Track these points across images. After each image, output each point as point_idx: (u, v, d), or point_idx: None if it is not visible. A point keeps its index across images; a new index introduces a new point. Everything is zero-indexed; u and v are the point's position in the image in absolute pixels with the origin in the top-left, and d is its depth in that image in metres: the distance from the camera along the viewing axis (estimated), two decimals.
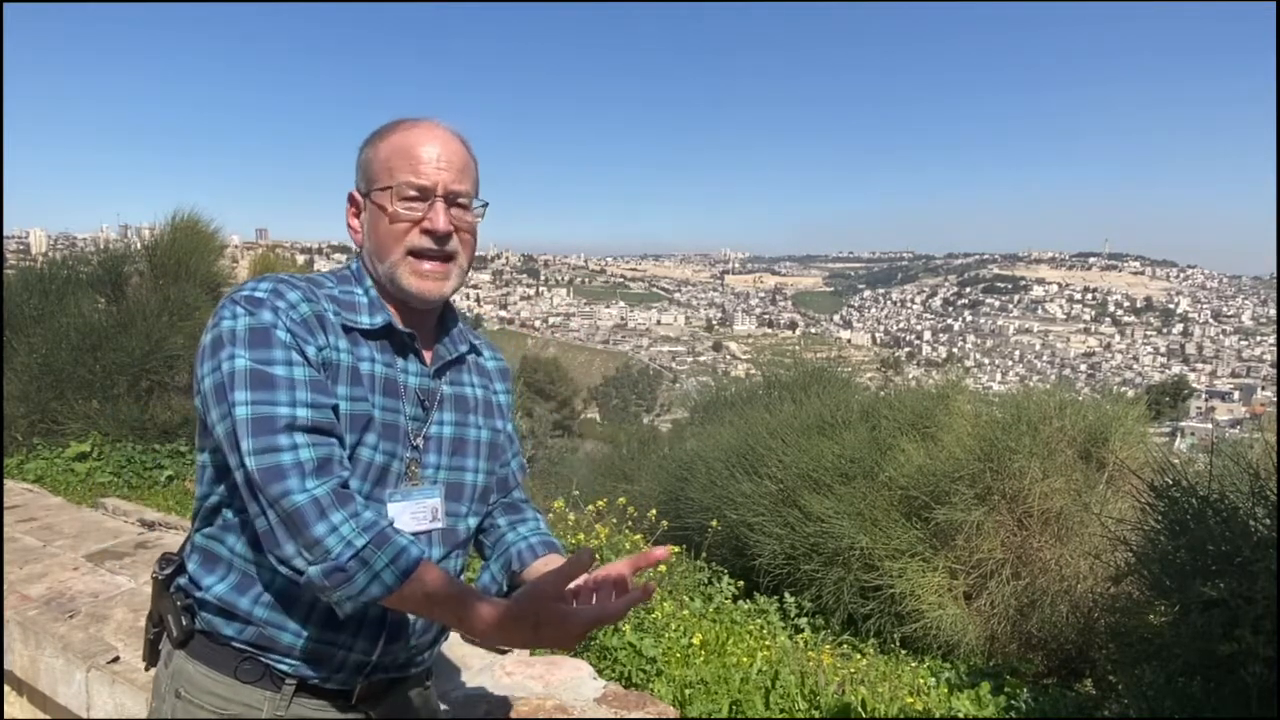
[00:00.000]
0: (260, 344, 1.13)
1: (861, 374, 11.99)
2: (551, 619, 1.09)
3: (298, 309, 1.18)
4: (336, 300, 1.26)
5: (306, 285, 1.24)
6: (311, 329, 1.18)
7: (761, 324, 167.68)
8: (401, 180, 1.23)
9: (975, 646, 4.64)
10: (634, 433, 14.29)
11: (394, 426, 1.25)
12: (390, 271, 1.26)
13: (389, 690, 1.33)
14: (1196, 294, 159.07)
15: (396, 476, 1.25)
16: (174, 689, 1.25)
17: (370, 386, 1.23)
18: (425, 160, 1.24)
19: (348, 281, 1.31)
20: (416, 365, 1.31)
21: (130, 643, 2.57)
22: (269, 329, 1.13)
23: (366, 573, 1.08)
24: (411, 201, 1.24)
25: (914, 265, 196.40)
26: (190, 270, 7.29)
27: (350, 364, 1.21)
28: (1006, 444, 4.89)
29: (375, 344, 1.27)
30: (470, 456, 1.36)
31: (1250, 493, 2.85)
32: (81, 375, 6.24)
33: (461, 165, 1.28)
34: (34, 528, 3.72)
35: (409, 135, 1.27)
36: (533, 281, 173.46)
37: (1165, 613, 3.00)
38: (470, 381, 1.40)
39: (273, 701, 1.22)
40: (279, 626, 1.20)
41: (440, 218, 1.24)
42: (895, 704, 3.34)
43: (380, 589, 1.09)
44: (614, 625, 3.25)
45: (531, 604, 1.11)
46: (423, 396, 1.31)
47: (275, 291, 1.17)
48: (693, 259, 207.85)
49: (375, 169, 1.27)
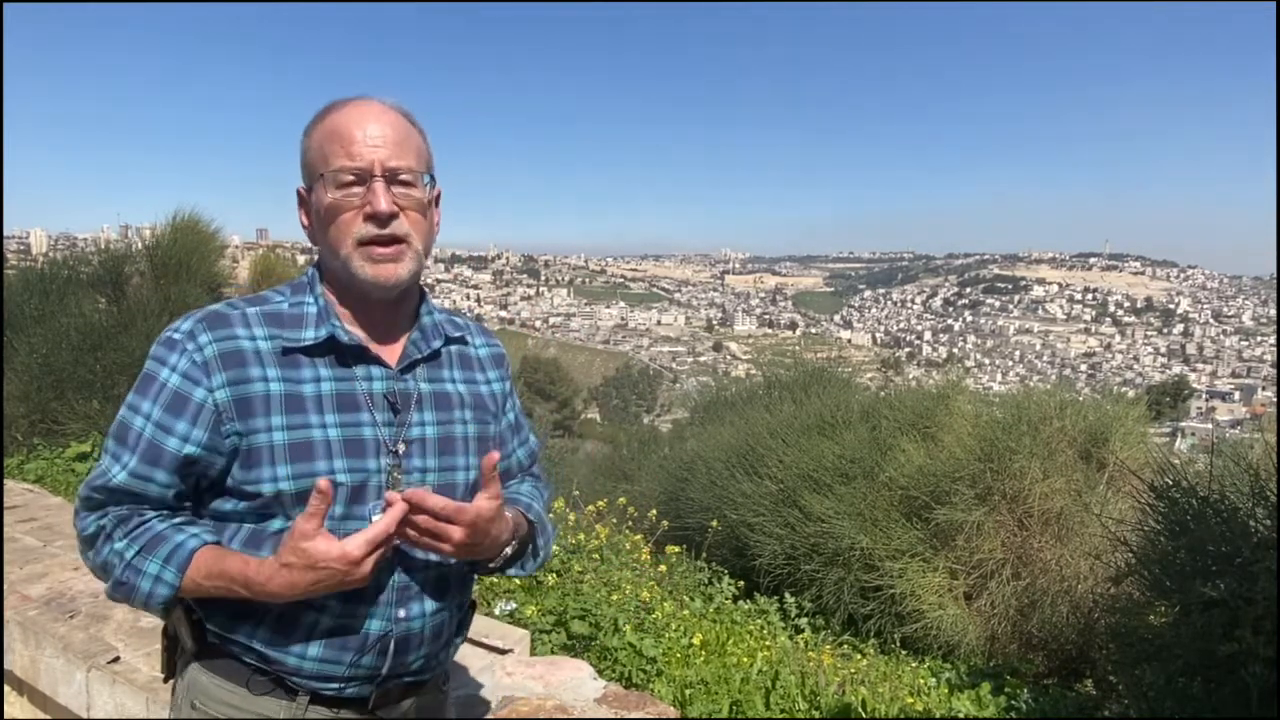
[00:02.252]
0: (140, 391, 1.19)
1: (862, 374, 11.99)
2: (307, 555, 1.08)
3: (203, 351, 1.16)
4: (281, 320, 1.21)
5: (239, 315, 1.20)
6: (210, 371, 1.15)
7: (762, 324, 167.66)
8: (336, 165, 1.17)
9: (975, 647, 4.64)
10: (634, 433, 14.31)
11: (357, 442, 1.19)
12: (344, 266, 1.20)
13: (405, 695, 1.31)
14: (1197, 294, 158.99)
15: (377, 488, 1.19)
16: (189, 700, 1.24)
17: (318, 408, 1.18)
18: (358, 140, 1.17)
19: (301, 291, 1.26)
20: (379, 370, 1.24)
21: (131, 643, 2.57)
22: (152, 378, 1.18)
23: (146, 579, 1.14)
24: (349, 187, 1.17)
25: (914, 265, 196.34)
26: (191, 270, 7.30)
27: (283, 392, 1.17)
28: (1007, 444, 4.89)
29: (323, 359, 1.21)
30: (460, 454, 1.29)
31: (1250, 493, 2.85)
32: (82, 375, 6.25)
33: (399, 139, 1.19)
34: (34, 528, 3.72)
35: (339, 116, 1.19)
36: (533, 282, 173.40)
37: (1165, 613, 3.00)
38: (451, 377, 1.33)
39: (289, 710, 1.21)
40: (282, 650, 1.19)
41: (380, 199, 1.16)
42: (895, 704, 3.34)
43: (166, 589, 1.14)
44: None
45: (287, 548, 1.09)
46: (393, 401, 1.24)
47: (189, 333, 1.17)
48: (693, 259, 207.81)
49: (311, 159, 1.21)
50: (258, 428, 1.15)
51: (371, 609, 1.20)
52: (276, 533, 1.17)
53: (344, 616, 1.19)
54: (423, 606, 1.25)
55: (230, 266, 9.96)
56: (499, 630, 2.81)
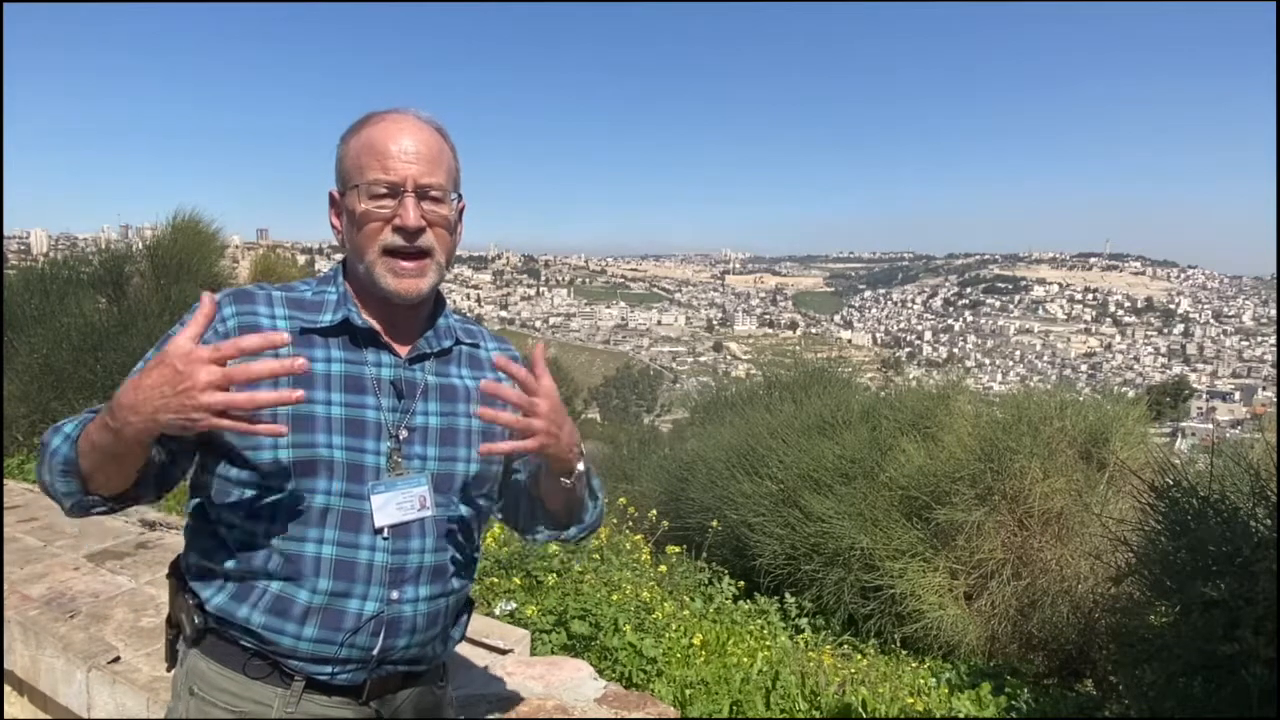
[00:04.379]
0: (159, 346, 1.20)
1: (862, 374, 11.97)
2: (162, 353, 1.04)
3: (226, 323, 1.21)
4: (303, 304, 1.27)
5: (265, 295, 1.26)
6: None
7: (762, 324, 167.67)
8: (370, 178, 1.22)
9: (976, 647, 4.64)
10: (634, 433, 14.32)
11: (359, 422, 1.24)
12: (368, 271, 1.25)
13: (401, 687, 1.33)
14: (1197, 294, 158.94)
15: (375, 469, 1.24)
16: (188, 686, 1.27)
17: (327, 385, 1.23)
18: (394, 155, 1.22)
19: (326, 282, 1.33)
20: (389, 357, 1.29)
21: (131, 643, 2.57)
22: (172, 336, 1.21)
23: (58, 436, 1.16)
24: (382, 199, 1.23)
25: (914, 265, 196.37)
26: (191, 270, 7.31)
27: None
28: (1007, 444, 4.89)
29: (336, 340, 1.27)
30: (462, 446, 1.33)
31: (1251, 493, 2.85)
32: (82, 375, 6.25)
33: (433, 157, 1.25)
34: (35, 528, 3.72)
35: (376, 130, 1.25)
36: (533, 282, 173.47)
37: (1166, 613, 3.00)
38: (459, 373, 1.38)
39: (283, 698, 1.23)
40: (277, 631, 1.21)
41: (410, 214, 1.22)
42: (896, 704, 3.34)
43: (64, 441, 1.15)
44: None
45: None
46: (399, 388, 1.29)
47: (216, 303, 1.19)
48: (693, 259, 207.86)
49: (347, 167, 1.26)
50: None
51: (366, 589, 1.23)
52: (275, 501, 1.21)
53: (337, 595, 1.22)
54: (416, 590, 1.27)
55: (230, 266, 9.97)
56: (499, 630, 2.81)
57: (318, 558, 1.22)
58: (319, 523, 1.22)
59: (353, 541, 1.23)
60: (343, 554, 1.23)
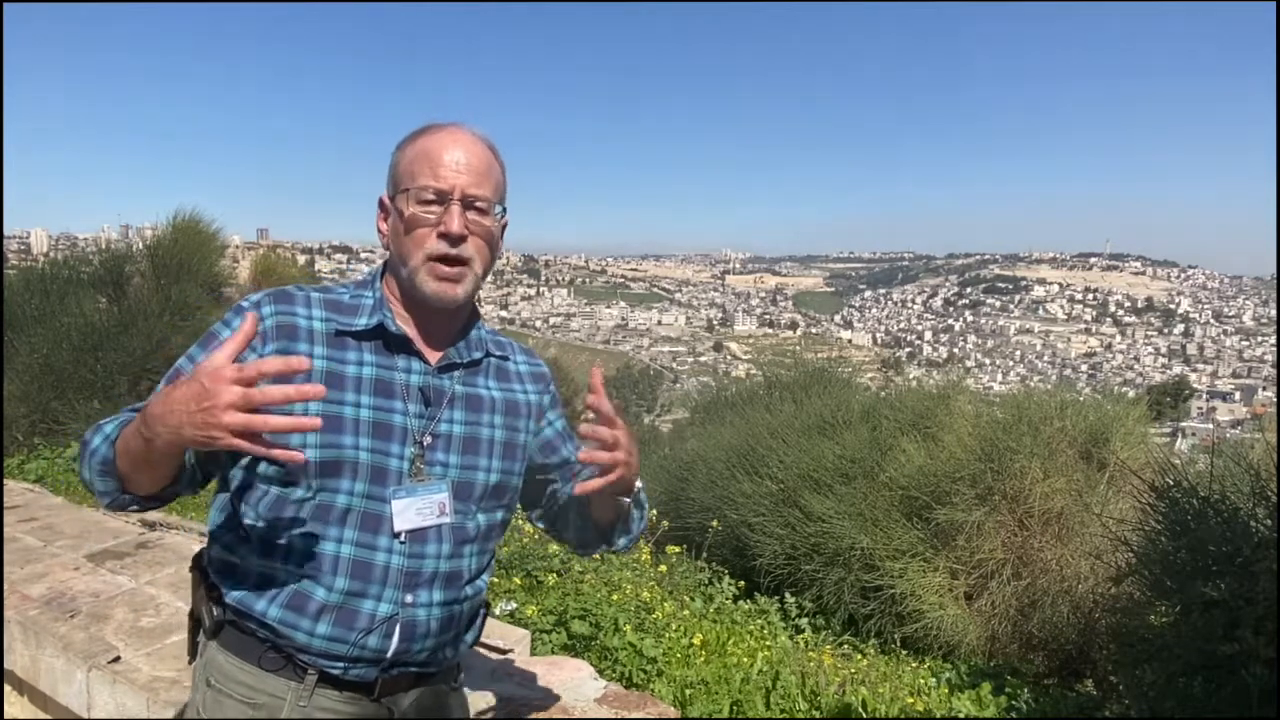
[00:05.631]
0: (199, 345, 1.28)
1: (862, 374, 11.97)
2: (195, 371, 1.06)
3: (265, 322, 1.25)
4: (340, 307, 1.31)
5: (304, 296, 1.30)
6: (266, 340, 1.24)
7: (762, 324, 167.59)
8: (421, 183, 1.26)
9: (976, 647, 4.64)
10: (635, 433, 14.26)
11: (386, 425, 1.27)
12: (411, 276, 1.29)
13: (413, 685, 1.34)
14: (1198, 294, 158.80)
15: (398, 474, 1.27)
16: (205, 678, 1.30)
17: (357, 388, 1.27)
18: (446, 164, 1.27)
19: (364, 286, 1.36)
20: (420, 364, 1.32)
21: (131, 643, 2.57)
22: (214, 336, 1.27)
23: (98, 436, 1.21)
24: (429, 205, 1.26)
25: (915, 265, 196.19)
26: (191, 270, 7.32)
27: (324, 369, 1.25)
28: (1007, 444, 4.88)
29: (370, 344, 1.30)
30: (483, 455, 1.36)
31: (1251, 493, 2.85)
32: (83, 375, 6.25)
33: (482, 170, 1.29)
34: (35, 528, 3.72)
35: (431, 139, 1.29)
36: (533, 282, 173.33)
37: (1166, 613, 3.00)
38: (486, 384, 1.41)
39: (296, 692, 1.25)
40: (292, 625, 1.24)
41: (455, 220, 1.26)
42: (896, 704, 3.34)
43: (104, 442, 1.19)
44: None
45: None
46: (427, 395, 1.31)
47: (256, 304, 1.27)
48: (693, 259, 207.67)
49: (399, 173, 1.30)
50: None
51: (381, 590, 1.26)
52: (300, 500, 1.24)
53: (353, 595, 1.25)
54: (430, 595, 1.30)
55: (231, 266, 9.98)
56: (499, 630, 2.81)
57: (336, 556, 1.24)
58: (340, 522, 1.25)
59: (371, 543, 1.26)
60: (360, 554, 1.25)
